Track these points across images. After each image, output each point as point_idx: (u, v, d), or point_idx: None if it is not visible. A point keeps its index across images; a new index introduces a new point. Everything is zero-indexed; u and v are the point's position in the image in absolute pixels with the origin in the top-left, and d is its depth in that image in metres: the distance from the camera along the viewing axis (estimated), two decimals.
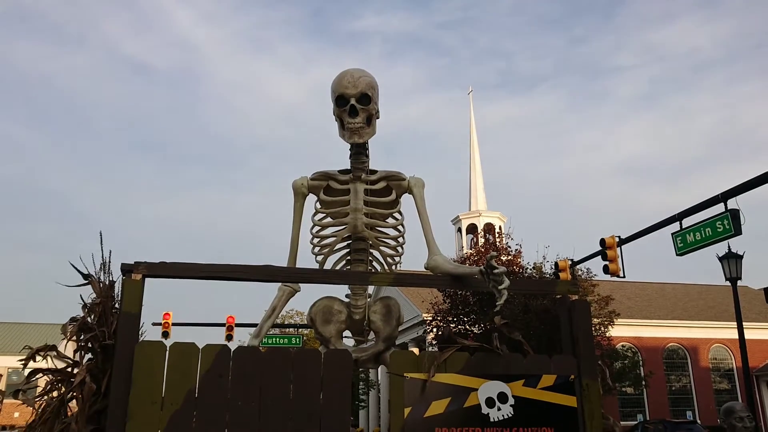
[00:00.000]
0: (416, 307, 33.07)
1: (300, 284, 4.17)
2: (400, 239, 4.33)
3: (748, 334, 23.13)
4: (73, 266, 3.25)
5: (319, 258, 4.28)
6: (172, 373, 3.06)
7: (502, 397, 3.32)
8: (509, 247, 23.21)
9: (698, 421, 30.82)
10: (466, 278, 3.71)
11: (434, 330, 22.71)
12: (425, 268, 4.02)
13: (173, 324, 23.60)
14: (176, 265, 3.33)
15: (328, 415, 3.12)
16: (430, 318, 23.91)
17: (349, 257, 4.29)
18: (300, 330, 31.47)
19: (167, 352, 3.09)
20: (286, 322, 37.29)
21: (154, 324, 23.03)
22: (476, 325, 20.70)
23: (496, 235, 24.92)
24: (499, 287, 3.17)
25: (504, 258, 21.80)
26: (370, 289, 4.37)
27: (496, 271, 3.20)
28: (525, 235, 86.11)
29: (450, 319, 21.55)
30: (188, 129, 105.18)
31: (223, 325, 24.55)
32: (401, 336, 29.72)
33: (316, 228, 4.29)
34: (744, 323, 16.33)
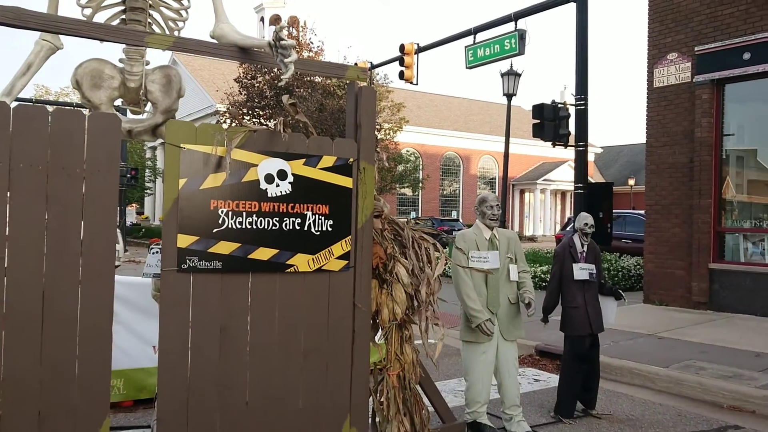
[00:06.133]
0: (210, 97, 31.82)
1: (61, 40, 3.63)
2: (185, 2, 3.88)
3: (513, 149, 26.00)
4: None
5: (87, 12, 3.70)
6: None
7: (282, 174, 3.35)
8: (312, 43, 22.71)
9: (460, 219, 35.49)
10: (253, 50, 3.50)
11: (227, 122, 22.23)
12: (211, 36, 3.67)
13: None
14: None
15: (94, 177, 2.90)
16: (225, 110, 23.21)
17: (123, 16, 3.77)
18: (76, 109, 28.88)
19: None
20: (60, 100, 33.82)
21: None
22: (271, 120, 20.62)
23: (300, 29, 24.09)
24: (286, 60, 3.04)
25: (305, 54, 21.35)
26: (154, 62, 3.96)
27: (283, 42, 3.05)
28: (330, 34, 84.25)
29: (245, 111, 21.15)
30: None
31: None
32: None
33: None
34: (511, 138, 18.23)
